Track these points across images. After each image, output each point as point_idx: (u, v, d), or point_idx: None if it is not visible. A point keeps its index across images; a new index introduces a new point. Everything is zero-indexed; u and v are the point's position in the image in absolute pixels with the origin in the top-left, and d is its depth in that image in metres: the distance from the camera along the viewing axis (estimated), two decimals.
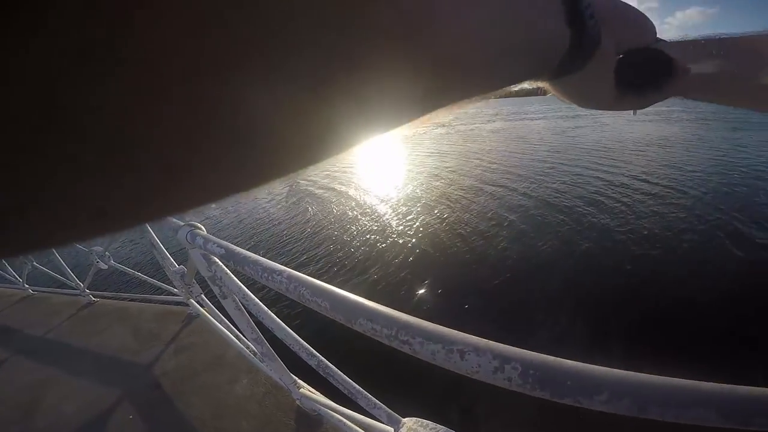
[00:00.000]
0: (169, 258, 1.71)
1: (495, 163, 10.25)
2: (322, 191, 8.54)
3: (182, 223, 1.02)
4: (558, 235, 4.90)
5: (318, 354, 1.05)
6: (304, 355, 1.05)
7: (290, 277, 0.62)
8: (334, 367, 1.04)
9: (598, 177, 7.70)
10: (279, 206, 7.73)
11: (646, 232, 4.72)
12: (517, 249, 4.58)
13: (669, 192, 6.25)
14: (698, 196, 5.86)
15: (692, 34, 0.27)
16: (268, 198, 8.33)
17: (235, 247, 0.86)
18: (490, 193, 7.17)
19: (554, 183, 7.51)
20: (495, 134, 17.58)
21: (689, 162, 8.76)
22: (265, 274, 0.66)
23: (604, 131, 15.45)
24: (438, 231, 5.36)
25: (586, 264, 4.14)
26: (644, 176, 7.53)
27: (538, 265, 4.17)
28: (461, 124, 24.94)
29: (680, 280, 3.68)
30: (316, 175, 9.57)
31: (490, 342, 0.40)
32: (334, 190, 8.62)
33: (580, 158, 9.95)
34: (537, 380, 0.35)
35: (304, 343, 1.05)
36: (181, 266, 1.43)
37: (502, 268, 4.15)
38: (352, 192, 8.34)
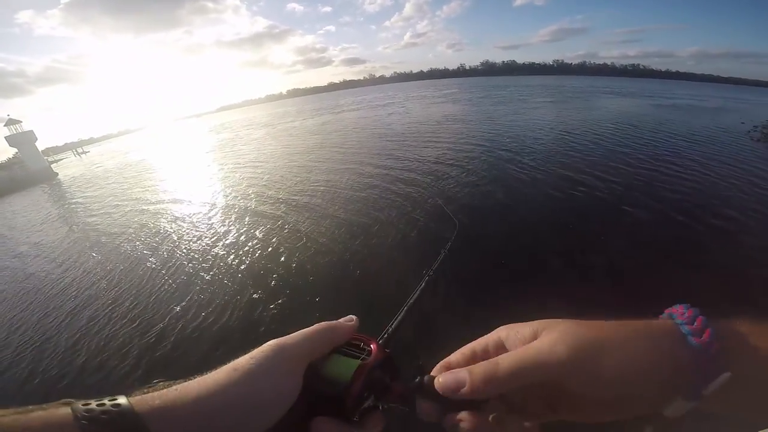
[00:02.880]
0: None
1: (341, 151, 10.35)
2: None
3: None
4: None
5: None
6: None
7: None
8: None
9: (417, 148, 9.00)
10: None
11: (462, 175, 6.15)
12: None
13: (468, 146, 8.68)
14: (487, 145, 8.72)
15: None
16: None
17: None
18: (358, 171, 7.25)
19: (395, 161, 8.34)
20: (324, 126, 17.62)
21: (477, 127, 11.92)
22: None
23: (411, 114, 17.81)
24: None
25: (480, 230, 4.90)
26: (451, 143, 9.47)
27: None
28: (283, 123, 24.12)
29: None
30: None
31: None
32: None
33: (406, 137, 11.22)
34: None
35: None
36: None
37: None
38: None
